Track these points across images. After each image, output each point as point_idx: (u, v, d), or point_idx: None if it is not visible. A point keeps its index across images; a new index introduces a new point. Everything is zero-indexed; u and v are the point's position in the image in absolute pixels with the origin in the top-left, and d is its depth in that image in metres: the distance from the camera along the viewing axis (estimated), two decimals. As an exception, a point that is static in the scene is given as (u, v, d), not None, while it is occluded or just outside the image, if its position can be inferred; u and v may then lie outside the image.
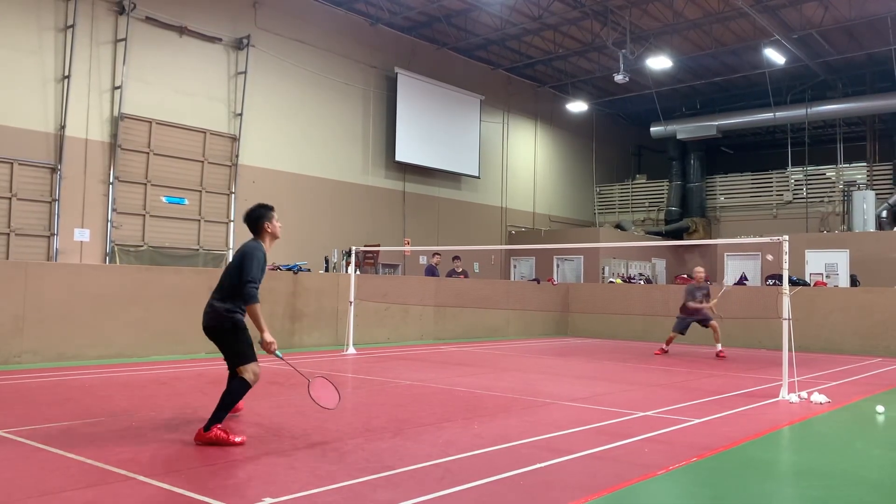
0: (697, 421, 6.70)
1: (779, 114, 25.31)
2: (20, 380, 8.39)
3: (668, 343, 13.70)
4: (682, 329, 13.55)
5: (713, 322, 13.38)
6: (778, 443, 6.30)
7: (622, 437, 5.87)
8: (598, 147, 29.36)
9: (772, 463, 5.56)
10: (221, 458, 4.88)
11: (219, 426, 5.27)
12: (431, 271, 17.49)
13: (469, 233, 23.08)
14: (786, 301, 8.42)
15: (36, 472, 4.49)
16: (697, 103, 27.93)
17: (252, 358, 5.56)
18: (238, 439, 5.29)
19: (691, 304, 13.39)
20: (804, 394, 8.16)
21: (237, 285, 5.60)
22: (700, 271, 13.98)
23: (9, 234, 13.61)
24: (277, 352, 5.53)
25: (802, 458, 5.88)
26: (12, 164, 13.70)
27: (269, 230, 6.06)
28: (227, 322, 5.55)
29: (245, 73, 17.19)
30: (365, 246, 16.25)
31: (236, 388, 5.50)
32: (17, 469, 4.57)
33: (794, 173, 26.12)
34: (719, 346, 13.33)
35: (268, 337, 5.45)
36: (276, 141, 18.09)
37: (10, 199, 13.67)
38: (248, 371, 5.51)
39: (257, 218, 6.06)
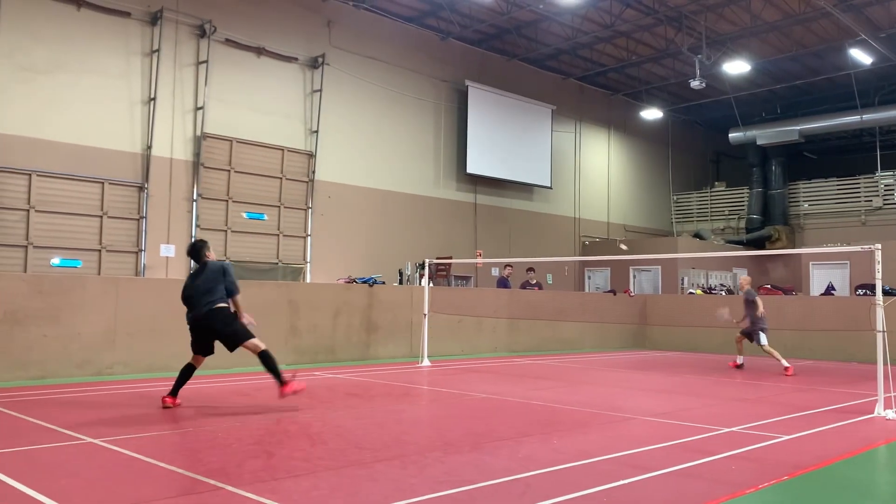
0: (786, 438, 6.44)
1: (866, 116, 24.22)
2: (112, 390, 8.76)
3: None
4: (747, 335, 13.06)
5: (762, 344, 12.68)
6: (874, 462, 6.00)
7: (707, 454, 5.69)
8: (675, 154, 28.75)
9: (868, 483, 5.29)
10: (305, 469, 4.97)
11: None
12: (503, 283, 17.44)
13: (541, 244, 22.90)
14: (879, 312, 8.02)
15: (129, 481, 4.67)
16: (778, 108, 27.01)
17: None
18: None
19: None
20: (902, 410, 7.75)
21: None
22: (743, 279, 13.92)
23: (100, 251, 14.26)
24: None
25: (903, 478, 5.57)
26: (103, 183, 14.37)
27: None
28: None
29: (320, 91, 17.59)
30: (437, 258, 16.33)
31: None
32: (111, 477, 4.77)
33: (884, 177, 24.92)
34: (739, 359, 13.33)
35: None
36: (351, 156, 18.42)
37: (101, 217, 14.33)
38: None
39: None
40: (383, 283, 14.26)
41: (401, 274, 16.57)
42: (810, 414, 7.89)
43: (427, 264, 13.93)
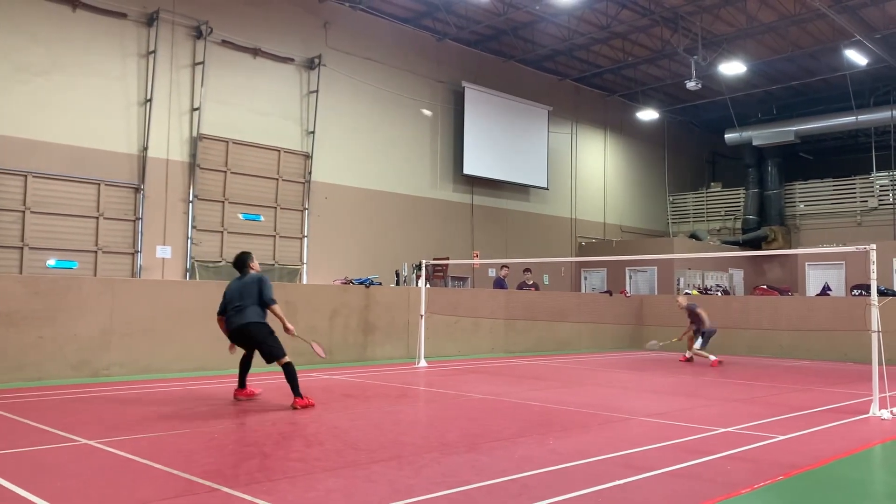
0: (782, 438, 6.45)
1: (861, 117, 24.29)
2: (108, 392, 8.75)
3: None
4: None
5: (694, 348, 14.20)
6: (870, 462, 6.01)
7: (703, 454, 5.70)
8: (671, 155, 28.80)
9: (864, 483, 5.31)
10: (302, 470, 4.97)
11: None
12: (500, 284, 17.44)
13: (538, 245, 22.92)
14: (874, 312, 8.04)
15: (126, 482, 4.66)
16: (774, 108, 27.06)
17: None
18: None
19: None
20: (897, 410, 7.78)
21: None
22: (679, 299, 15.00)
23: (96, 252, 14.24)
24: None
25: (898, 478, 5.59)
26: (99, 184, 14.35)
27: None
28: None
29: (317, 92, 17.59)
30: (434, 259, 16.34)
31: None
32: (107, 479, 4.77)
33: (880, 178, 24.99)
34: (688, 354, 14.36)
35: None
36: (347, 157, 18.42)
37: (97, 218, 14.31)
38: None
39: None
40: (380, 284, 14.25)
41: (397, 275, 16.58)
42: (806, 414, 7.91)
43: (424, 265, 13.93)
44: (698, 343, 14.06)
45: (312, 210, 17.41)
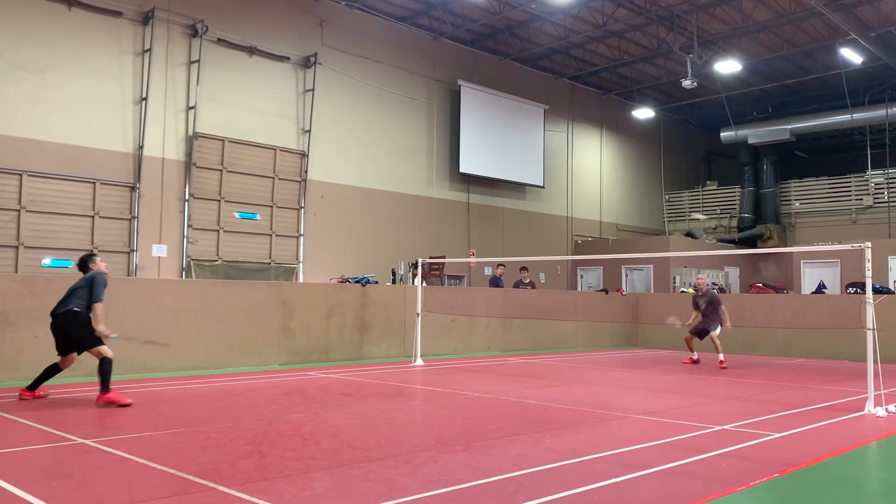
0: (777, 435, 6.47)
1: (856, 115, 24.35)
2: (104, 391, 8.71)
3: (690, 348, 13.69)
4: (696, 333, 13.44)
5: (713, 333, 13.07)
6: (865, 459, 6.03)
7: (698, 451, 5.72)
8: (667, 154, 28.83)
9: (860, 480, 5.33)
10: (298, 469, 4.97)
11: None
12: (496, 282, 17.45)
13: (534, 243, 22.94)
14: (870, 310, 8.07)
15: (121, 482, 4.66)
16: (769, 107, 27.11)
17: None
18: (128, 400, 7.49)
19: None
20: (892, 407, 7.80)
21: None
22: (701, 279, 13.88)
23: (92, 251, 14.18)
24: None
25: (893, 475, 5.61)
26: (94, 183, 14.32)
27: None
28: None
29: (313, 90, 17.57)
30: (430, 258, 16.33)
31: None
32: (103, 478, 4.76)
33: (875, 176, 25.04)
34: (721, 357, 12.98)
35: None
36: (344, 156, 18.41)
37: (92, 217, 14.28)
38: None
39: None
40: (376, 282, 14.25)
41: (394, 273, 16.57)
42: (801, 411, 7.93)
43: (420, 264, 13.93)
44: (717, 330, 13.09)
45: (308, 209, 17.40)
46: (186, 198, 15.52)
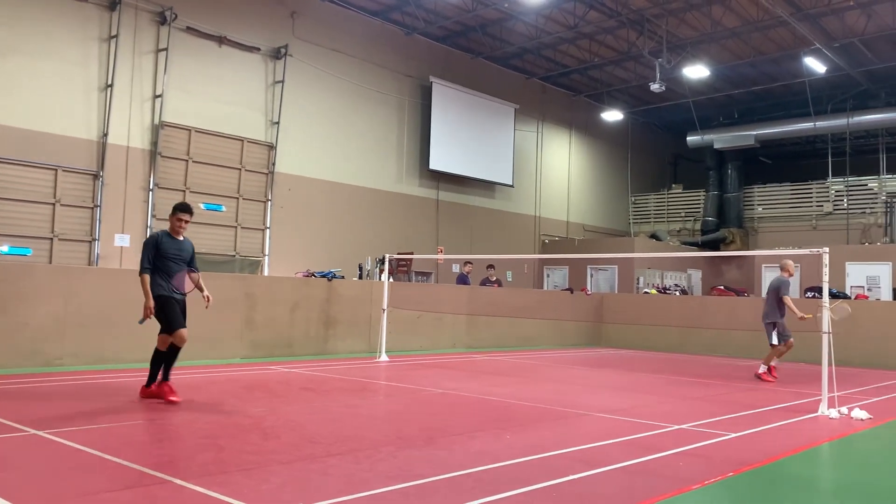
0: (734, 435, 6.59)
1: (819, 123, 24.85)
2: (61, 382, 8.57)
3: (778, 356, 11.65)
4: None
5: (791, 339, 11.48)
6: (817, 459, 6.17)
7: (657, 450, 5.80)
8: (634, 156, 29.12)
9: (811, 479, 5.45)
10: (256, 463, 4.93)
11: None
12: (463, 280, 17.48)
13: (502, 242, 23.02)
14: (826, 314, 8.24)
15: (76, 473, 4.58)
16: (735, 112, 27.55)
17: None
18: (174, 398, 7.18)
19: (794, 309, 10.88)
20: (844, 409, 7.99)
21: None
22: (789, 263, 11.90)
23: (52, 240, 13.92)
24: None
25: (843, 474, 5.74)
26: (56, 170, 14.02)
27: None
28: None
29: (282, 82, 17.40)
30: (398, 254, 16.31)
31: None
32: (57, 470, 4.67)
33: (835, 184, 25.60)
34: (774, 363, 11.65)
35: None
36: (312, 149, 18.27)
37: (53, 204, 13.99)
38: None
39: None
40: (342, 277, 14.18)
41: (360, 269, 16.50)
42: (757, 412, 8.08)
43: (387, 259, 13.90)
44: (774, 338, 11.37)
45: (275, 201, 17.24)
46: (151, 187, 15.28)
